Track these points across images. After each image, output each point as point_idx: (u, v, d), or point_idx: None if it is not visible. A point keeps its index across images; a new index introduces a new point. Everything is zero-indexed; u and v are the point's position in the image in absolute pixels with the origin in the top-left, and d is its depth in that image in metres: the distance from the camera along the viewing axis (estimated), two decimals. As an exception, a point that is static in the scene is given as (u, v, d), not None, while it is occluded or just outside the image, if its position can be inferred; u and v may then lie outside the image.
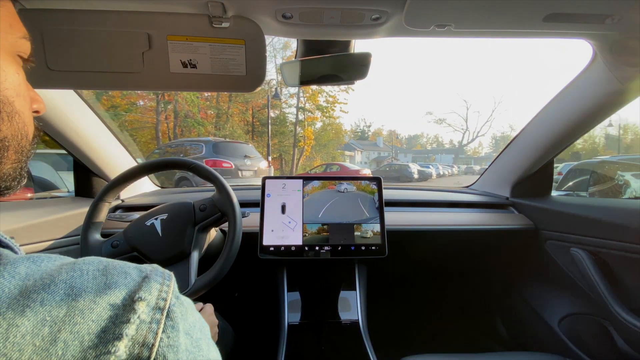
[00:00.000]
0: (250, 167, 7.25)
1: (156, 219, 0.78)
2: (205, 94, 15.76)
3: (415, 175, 17.68)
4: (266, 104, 15.24)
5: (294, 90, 17.94)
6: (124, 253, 0.76)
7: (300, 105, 18.50)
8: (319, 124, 20.02)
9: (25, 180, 0.33)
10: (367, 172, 13.02)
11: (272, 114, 16.69)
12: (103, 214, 0.82)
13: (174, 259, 0.75)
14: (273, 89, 14.96)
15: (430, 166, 22.95)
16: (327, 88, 17.30)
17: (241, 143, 8.52)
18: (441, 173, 21.78)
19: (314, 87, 16.73)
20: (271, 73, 15.75)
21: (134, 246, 0.76)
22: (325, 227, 1.01)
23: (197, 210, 0.79)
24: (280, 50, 17.32)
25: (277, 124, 18.45)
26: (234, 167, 6.90)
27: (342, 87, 17.02)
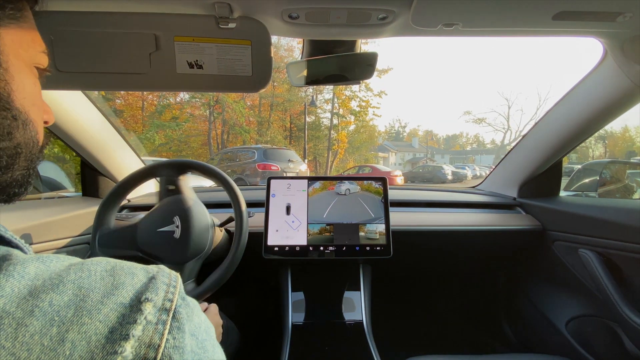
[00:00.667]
0: (293, 169, 8.41)
1: (177, 227, 0.78)
2: (249, 103, 17.81)
3: (449, 177, 17.51)
4: (303, 110, 16.32)
5: (328, 95, 19.06)
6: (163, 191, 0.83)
7: (334, 111, 19.11)
8: (352, 127, 20.43)
9: (31, 187, 0.33)
10: (397, 173, 13.05)
11: (308, 119, 17.42)
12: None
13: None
14: (310, 97, 16.32)
15: (467, 167, 22.61)
16: (360, 93, 18.09)
17: (285, 149, 9.91)
18: (477, 174, 21.21)
19: (347, 92, 18.01)
20: None
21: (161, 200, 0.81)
22: (329, 227, 1.01)
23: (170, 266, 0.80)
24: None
25: (313, 128, 19.34)
26: (280, 169, 8.13)
27: (375, 91, 18.59)
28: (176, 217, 0.78)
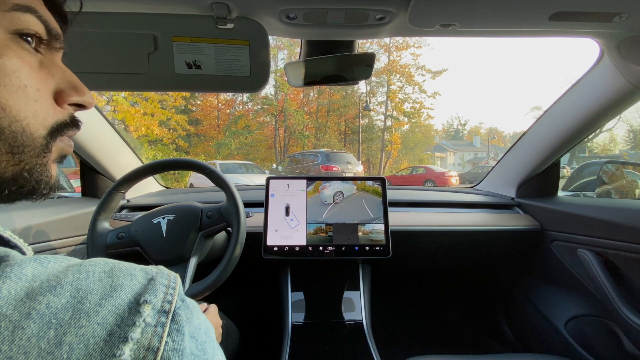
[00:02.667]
0: (351, 170, 9.48)
1: (163, 218, 0.78)
2: (306, 109, 19.14)
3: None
4: (358, 114, 17.24)
5: (382, 98, 19.70)
6: (127, 246, 0.77)
7: (387, 113, 19.50)
8: (406, 127, 20.59)
9: (49, 189, 0.31)
10: (453, 174, 13.21)
11: (361, 122, 18.05)
12: (115, 204, 0.83)
13: (173, 261, 0.75)
14: (364, 102, 17.18)
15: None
16: (413, 95, 18.45)
17: (344, 152, 11.22)
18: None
19: (400, 95, 18.45)
20: (363, 86, 18.51)
21: (137, 241, 0.77)
22: (329, 227, 1.01)
23: (204, 217, 0.79)
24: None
25: (366, 131, 19.78)
26: (340, 170, 9.26)
27: (429, 92, 18.88)
28: (152, 220, 0.79)
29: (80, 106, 0.33)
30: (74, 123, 0.33)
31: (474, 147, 38.45)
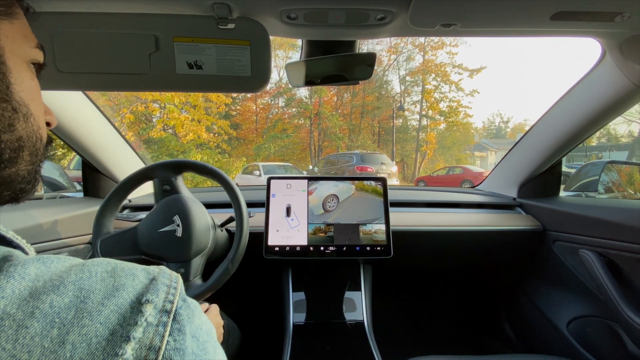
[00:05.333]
0: (385, 171, 9.63)
1: (178, 225, 0.78)
2: (339, 110, 19.37)
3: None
4: (392, 115, 17.09)
5: (417, 97, 19.32)
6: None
7: (423, 113, 19.19)
8: (442, 126, 19.99)
9: (38, 183, 0.33)
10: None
11: (395, 122, 17.88)
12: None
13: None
14: (398, 102, 17.11)
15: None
16: (450, 94, 18.12)
17: (378, 153, 11.30)
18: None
19: (436, 95, 18.16)
20: (397, 86, 18.64)
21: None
22: (330, 227, 1.01)
23: (178, 264, 0.77)
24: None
25: (400, 131, 19.72)
26: (374, 170, 9.46)
27: (467, 90, 18.48)
28: (176, 216, 0.78)
29: (48, 125, 0.37)
30: (51, 139, 0.38)
31: (522, 145, 35.83)
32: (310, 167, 14.59)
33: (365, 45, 17.81)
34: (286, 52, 17.85)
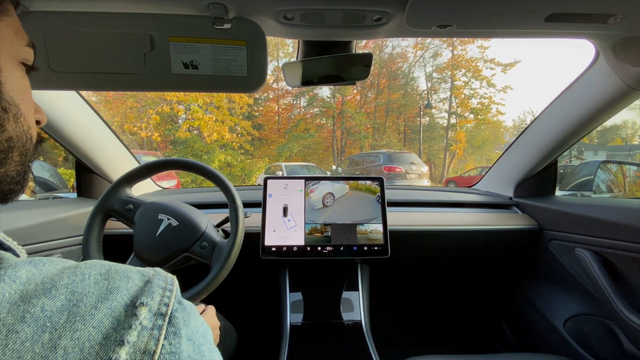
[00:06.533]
0: (415, 171, 9.07)
1: (168, 219, 0.78)
2: (365, 110, 18.79)
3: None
4: (418, 113, 16.04)
5: (444, 95, 18.31)
6: (127, 220, 0.81)
7: (452, 110, 18.22)
8: (472, 125, 18.72)
9: (28, 184, 0.33)
10: None
11: (422, 121, 16.75)
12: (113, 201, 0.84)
13: (147, 263, 0.76)
14: (425, 100, 16.08)
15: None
16: (481, 90, 17.25)
17: (406, 152, 10.53)
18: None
19: (466, 91, 17.30)
20: (423, 83, 17.65)
21: (135, 223, 0.79)
22: (327, 227, 1.01)
23: (199, 243, 0.77)
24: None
25: (428, 130, 18.75)
26: (403, 171, 8.86)
27: (499, 86, 17.72)
28: (159, 214, 0.78)
29: (38, 123, 0.36)
30: (41, 138, 0.37)
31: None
32: (334, 167, 13.78)
33: (390, 42, 17.53)
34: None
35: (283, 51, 17.49)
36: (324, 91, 18.78)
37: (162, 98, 11.73)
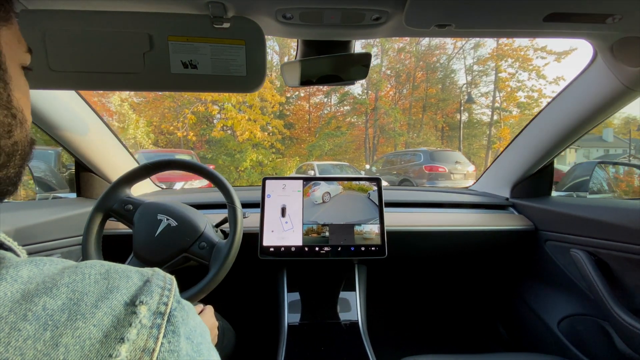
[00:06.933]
0: (460, 171, 8.36)
1: (167, 219, 0.78)
2: (400, 106, 18.07)
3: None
4: (458, 108, 14.82)
5: (485, 89, 17.44)
6: (126, 220, 0.80)
7: (495, 105, 17.23)
8: (513, 121, 17.34)
9: (21, 183, 0.33)
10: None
11: (463, 117, 15.48)
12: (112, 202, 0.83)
13: (147, 264, 0.75)
14: (465, 94, 14.69)
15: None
16: (529, 82, 16.21)
17: (450, 150, 9.78)
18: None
19: (512, 83, 15.99)
20: (462, 77, 16.51)
21: (134, 223, 0.79)
22: (324, 227, 1.01)
23: (198, 244, 0.77)
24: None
25: (468, 127, 17.83)
26: (447, 171, 8.16)
27: (549, 78, 16.26)
28: (158, 215, 0.78)
29: None
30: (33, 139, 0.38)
31: (605, 141, 28.83)
32: (367, 166, 12.59)
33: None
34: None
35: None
36: (356, 88, 18.27)
37: (197, 98, 11.90)
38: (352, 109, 18.70)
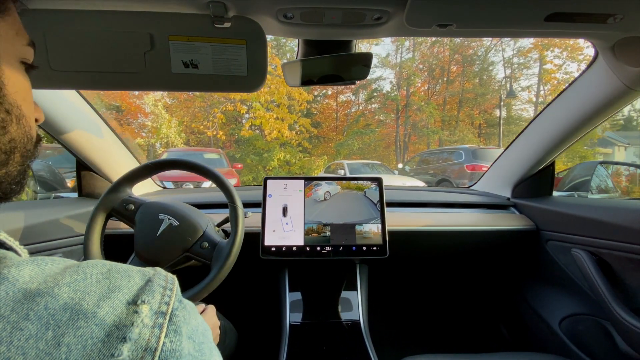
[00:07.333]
0: None
1: (168, 219, 0.78)
2: (434, 101, 17.08)
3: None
4: (498, 103, 13.45)
5: (526, 82, 16.22)
6: (127, 219, 0.80)
7: (540, 100, 16.21)
8: None
9: (27, 182, 0.33)
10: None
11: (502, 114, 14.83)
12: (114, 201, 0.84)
13: (149, 263, 0.76)
14: (504, 88, 13.55)
15: None
16: (576, 74, 15.29)
17: (494, 148, 9.13)
18: None
19: (559, 75, 14.97)
20: (501, 70, 15.37)
21: (135, 223, 0.79)
22: (326, 227, 1.01)
23: (199, 243, 0.77)
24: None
25: (507, 123, 16.57)
26: None
27: None
28: (159, 214, 0.78)
29: (36, 121, 0.36)
30: (40, 137, 0.37)
31: (656, 138, 25.60)
32: (400, 165, 11.64)
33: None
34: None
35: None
36: (385, 84, 17.69)
37: (226, 97, 11.90)
38: (381, 106, 18.06)
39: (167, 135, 11.97)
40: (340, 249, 0.99)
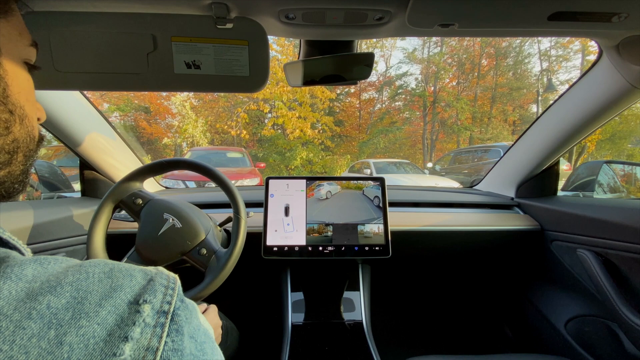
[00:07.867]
0: None
1: (172, 219, 0.78)
2: (465, 96, 16.27)
3: None
4: (536, 98, 12.53)
5: (565, 76, 15.03)
6: (134, 214, 0.81)
7: None
8: None
9: (29, 182, 0.33)
10: None
11: (535, 110, 13.94)
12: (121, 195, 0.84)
13: (147, 262, 0.76)
14: (544, 82, 12.15)
15: None
16: None
17: None
18: None
19: None
20: (537, 64, 14.46)
21: (140, 219, 0.79)
22: (328, 227, 1.01)
23: (197, 248, 0.77)
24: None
25: None
26: None
27: None
28: (164, 214, 0.79)
29: (38, 120, 0.36)
30: (42, 136, 0.38)
31: None
32: (430, 164, 10.86)
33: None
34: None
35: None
36: (410, 80, 16.68)
37: (249, 97, 11.92)
38: (406, 102, 17.31)
39: (192, 135, 12.10)
40: (343, 249, 0.99)
